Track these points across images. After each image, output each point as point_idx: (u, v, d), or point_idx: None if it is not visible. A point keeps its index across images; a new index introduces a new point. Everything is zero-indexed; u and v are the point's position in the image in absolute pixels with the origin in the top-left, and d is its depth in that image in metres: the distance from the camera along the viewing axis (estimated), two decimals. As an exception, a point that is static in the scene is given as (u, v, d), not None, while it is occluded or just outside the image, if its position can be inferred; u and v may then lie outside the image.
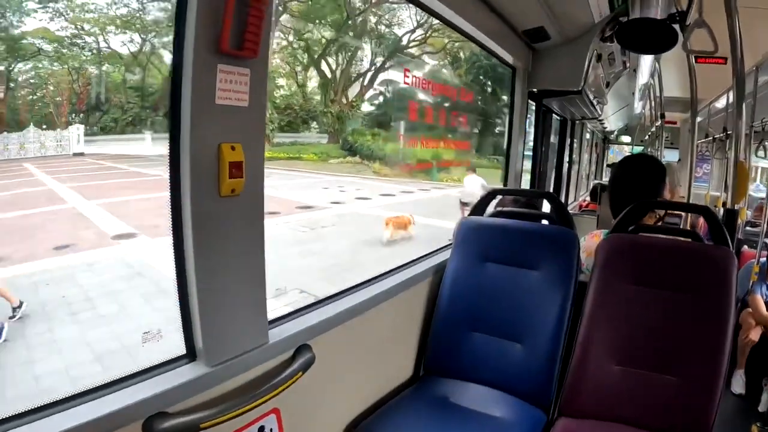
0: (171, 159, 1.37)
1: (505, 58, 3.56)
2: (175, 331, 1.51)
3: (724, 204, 4.28)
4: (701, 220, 5.84)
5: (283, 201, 16.55)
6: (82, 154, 17.57)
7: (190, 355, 1.49)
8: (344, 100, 29.11)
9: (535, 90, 3.94)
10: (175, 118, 1.34)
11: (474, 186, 13.02)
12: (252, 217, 1.55)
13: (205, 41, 1.31)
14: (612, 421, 2.18)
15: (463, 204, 13.01)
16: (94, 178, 15.98)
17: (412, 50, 29.77)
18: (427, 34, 29.23)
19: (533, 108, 4.75)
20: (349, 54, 29.15)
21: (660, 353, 2.20)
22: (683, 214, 4.43)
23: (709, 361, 2.11)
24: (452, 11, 2.60)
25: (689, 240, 2.43)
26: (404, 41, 29.45)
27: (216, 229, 1.43)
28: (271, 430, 1.68)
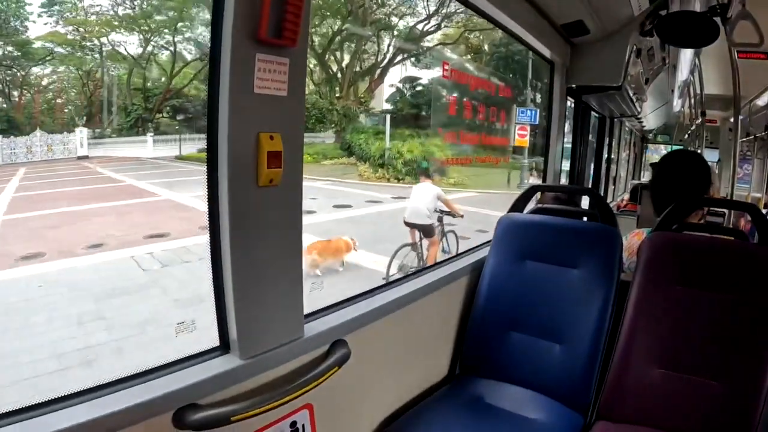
0: (209, 148, 1.38)
1: (543, 52, 3.52)
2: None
3: (767, 204, 4.20)
4: (743, 221, 5.75)
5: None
6: (86, 157, 17.78)
7: (224, 347, 1.50)
8: (352, 96, 28.28)
9: (573, 86, 3.90)
10: (213, 107, 1.35)
11: (423, 199, 9.52)
12: (290, 208, 1.55)
13: (243, 30, 1.31)
14: (652, 426, 2.13)
15: (409, 226, 9.78)
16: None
17: (428, 42, 29.14)
18: (441, 23, 28.57)
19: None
20: (356, 46, 28.31)
21: (704, 358, 2.15)
22: (725, 214, 4.37)
23: (756, 368, 2.06)
24: (491, 4, 2.58)
25: (734, 239, 2.38)
26: (417, 31, 28.73)
27: (253, 219, 1.43)
28: (303, 426, 1.67)
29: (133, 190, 16.05)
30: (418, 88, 28.92)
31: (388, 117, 25.83)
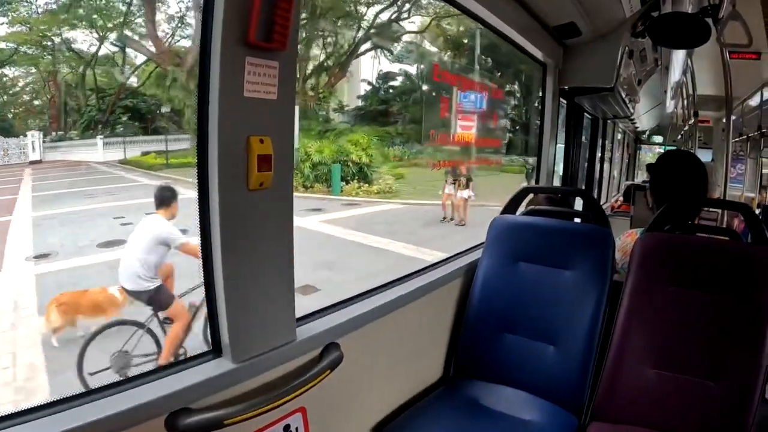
0: (199, 151, 1.38)
1: (536, 54, 3.53)
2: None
3: (759, 204, 4.23)
4: (736, 221, 5.78)
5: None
6: (39, 162, 17.57)
7: (216, 350, 1.50)
8: (310, 91, 26.68)
9: (566, 87, 3.90)
10: (203, 111, 1.35)
11: (138, 246, 5.58)
12: (281, 211, 1.55)
13: (233, 33, 1.31)
14: (646, 426, 2.14)
15: (126, 292, 5.78)
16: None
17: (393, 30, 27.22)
18: (404, 12, 26.87)
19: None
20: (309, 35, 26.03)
21: (698, 358, 2.15)
22: (718, 214, 4.39)
23: (748, 367, 2.06)
24: (483, 7, 2.58)
25: (727, 240, 2.39)
26: (381, 20, 27.05)
27: (244, 222, 1.43)
28: (296, 429, 1.67)
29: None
30: (392, 83, 28.05)
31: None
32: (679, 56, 5.23)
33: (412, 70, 28.11)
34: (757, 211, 3.19)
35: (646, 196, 2.74)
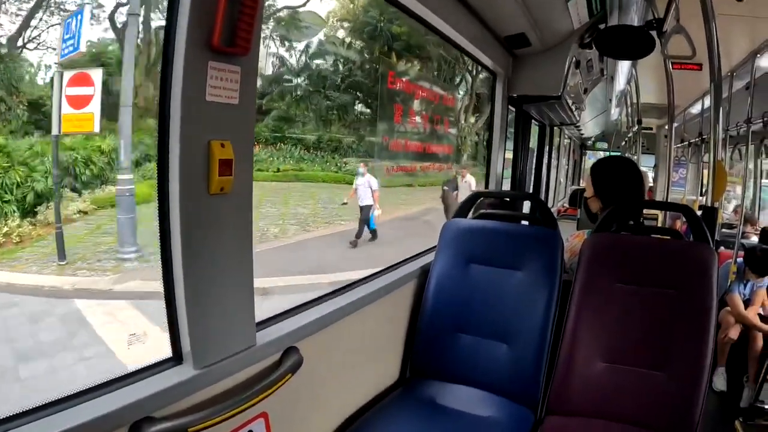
0: (159, 156, 1.35)
1: (486, 63, 3.57)
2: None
3: (701, 206, 4.36)
4: (678, 222, 5.94)
5: None
6: None
7: (177, 357, 1.46)
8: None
9: (515, 95, 3.96)
10: (164, 115, 1.33)
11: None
12: (241, 216, 1.53)
13: (197, 37, 1.29)
14: (600, 417, 2.20)
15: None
16: None
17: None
18: None
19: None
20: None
21: (645, 350, 2.24)
22: (658, 216, 4.51)
23: (693, 356, 2.15)
24: (434, 15, 2.60)
25: (670, 239, 2.49)
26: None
27: (204, 227, 1.41)
28: None
29: None
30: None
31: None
32: (624, 66, 5.35)
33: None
34: (699, 213, 3.31)
35: (587, 205, 2.81)
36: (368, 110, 23.35)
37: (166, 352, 1.46)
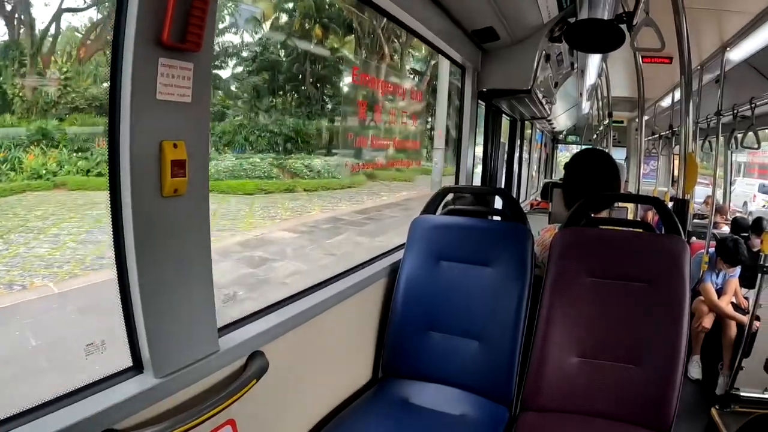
0: (110, 157, 1.31)
1: (455, 57, 3.56)
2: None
3: (673, 198, 4.40)
4: (650, 214, 5.98)
5: None
6: None
7: (137, 366, 1.43)
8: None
9: (485, 90, 3.94)
10: (114, 114, 1.28)
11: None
12: (197, 218, 1.49)
13: (146, 33, 1.25)
14: (575, 413, 2.20)
15: None
16: None
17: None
18: None
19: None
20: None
21: (619, 343, 2.24)
22: (628, 209, 4.53)
23: (668, 347, 2.15)
24: (400, 9, 2.58)
25: (641, 231, 2.49)
26: None
27: (159, 230, 1.37)
28: None
29: None
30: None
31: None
32: (594, 61, 5.37)
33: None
34: (670, 204, 3.37)
35: (564, 196, 2.79)
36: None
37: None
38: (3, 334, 6.53)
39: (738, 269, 5.00)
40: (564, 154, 17.92)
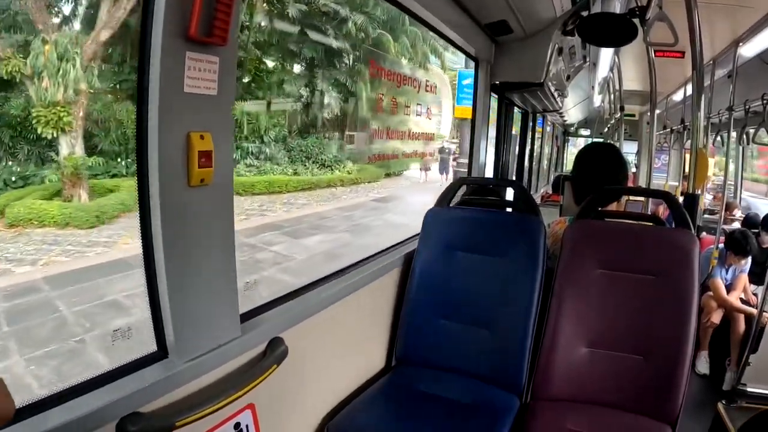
0: (138, 148, 1.34)
1: (468, 50, 3.58)
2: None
3: (683, 192, 4.41)
4: (661, 209, 5.98)
5: None
6: None
7: (162, 351, 1.46)
8: None
9: (497, 82, 3.95)
10: (143, 107, 1.31)
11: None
12: (222, 207, 1.52)
13: (174, 28, 1.28)
14: (584, 402, 2.23)
15: None
16: None
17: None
18: None
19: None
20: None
21: (628, 335, 2.27)
22: (642, 203, 4.54)
23: (675, 341, 2.18)
24: (415, 1, 2.60)
25: (651, 225, 2.50)
26: None
27: (185, 220, 1.41)
28: (246, 426, 1.66)
29: None
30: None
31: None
32: (606, 54, 5.37)
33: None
34: (681, 199, 3.37)
35: (573, 188, 2.81)
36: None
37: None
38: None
39: (748, 263, 5.03)
40: (570, 150, 17.82)
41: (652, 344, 2.22)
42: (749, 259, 5.03)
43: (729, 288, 4.92)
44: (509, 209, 2.90)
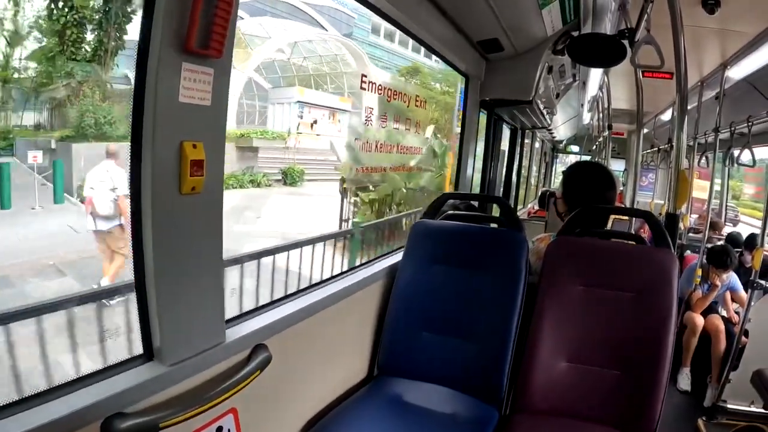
0: (132, 156, 1.37)
1: (459, 66, 3.61)
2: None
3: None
4: (646, 227, 6.06)
5: None
6: None
7: (148, 354, 1.49)
8: None
9: (487, 99, 4.00)
10: (138, 115, 1.34)
11: None
12: (211, 215, 1.55)
13: (172, 40, 1.31)
14: (563, 415, 2.27)
15: None
16: None
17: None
18: None
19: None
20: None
21: (607, 350, 2.31)
22: (627, 221, 4.60)
23: (653, 356, 2.23)
24: (407, 17, 2.64)
25: (633, 243, 2.56)
26: None
27: (176, 226, 1.43)
28: (228, 430, 1.68)
29: None
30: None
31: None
32: (596, 73, 5.42)
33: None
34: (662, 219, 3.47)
35: (555, 204, 2.87)
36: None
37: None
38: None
39: (731, 278, 5.14)
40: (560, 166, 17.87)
41: (630, 360, 2.26)
42: (731, 273, 5.11)
43: (713, 307, 5.03)
44: (494, 225, 2.94)
